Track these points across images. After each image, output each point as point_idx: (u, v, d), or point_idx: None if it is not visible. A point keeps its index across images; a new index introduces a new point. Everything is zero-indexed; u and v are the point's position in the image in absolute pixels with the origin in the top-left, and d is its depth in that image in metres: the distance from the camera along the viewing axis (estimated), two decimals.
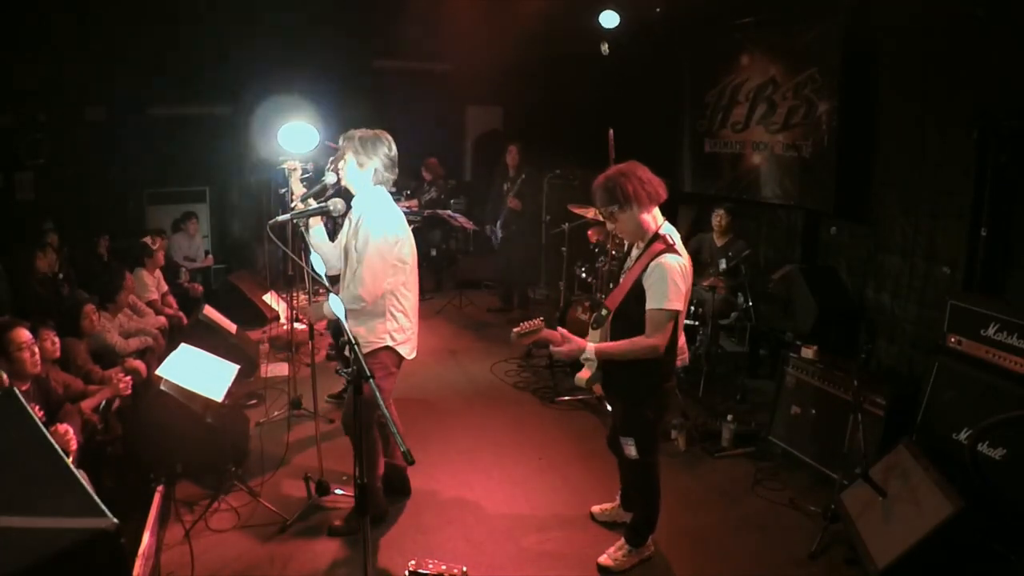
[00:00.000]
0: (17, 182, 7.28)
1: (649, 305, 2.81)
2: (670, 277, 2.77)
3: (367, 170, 3.30)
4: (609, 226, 3.05)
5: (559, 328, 2.99)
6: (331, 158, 3.55)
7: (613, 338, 2.98)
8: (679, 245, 2.92)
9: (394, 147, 3.37)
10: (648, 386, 3.00)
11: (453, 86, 9.10)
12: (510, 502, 3.87)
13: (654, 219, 2.93)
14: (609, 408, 3.69)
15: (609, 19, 6.65)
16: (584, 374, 3.07)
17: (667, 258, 2.81)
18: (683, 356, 3.11)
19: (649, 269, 2.82)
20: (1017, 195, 4.18)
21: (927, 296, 4.87)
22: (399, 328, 3.36)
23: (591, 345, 2.90)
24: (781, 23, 5.89)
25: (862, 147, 5.35)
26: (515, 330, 2.88)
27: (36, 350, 3.38)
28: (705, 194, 6.80)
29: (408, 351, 3.45)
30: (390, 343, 3.34)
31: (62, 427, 3.11)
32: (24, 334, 3.32)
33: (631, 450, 3.09)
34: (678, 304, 2.80)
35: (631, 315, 2.89)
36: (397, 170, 3.41)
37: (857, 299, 5.47)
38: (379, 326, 3.32)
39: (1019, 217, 4.19)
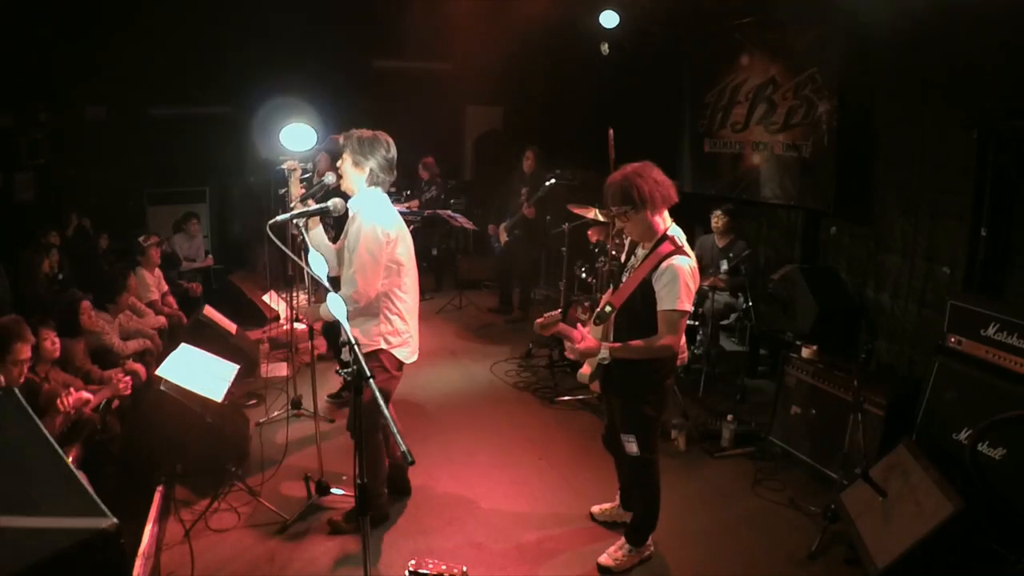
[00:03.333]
0: (17, 182, 7.28)
1: (662, 307, 2.85)
2: (681, 279, 2.81)
3: (363, 171, 3.27)
4: (619, 225, 3.06)
5: (579, 326, 3.05)
6: (315, 159, 3.53)
7: (617, 335, 3.03)
8: (686, 246, 2.95)
9: (393, 149, 3.33)
10: (648, 383, 3.03)
11: (453, 86, 9.10)
12: (510, 502, 3.87)
13: (663, 220, 2.96)
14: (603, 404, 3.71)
15: (609, 19, 6.64)
16: (586, 370, 3.16)
17: (678, 260, 2.84)
18: (683, 356, 3.14)
19: (660, 270, 2.85)
20: (1017, 195, 4.18)
21: (927, 296, 4.87)
22: (393, 331, 3.32)
23: (606, 345, 2.93)
24: (781, 23, 5.89)
25: (862, 147, 5.35)
26: (538, 320, 3.04)
27: (26, 369, 3.41)
28: (705, 194, 6.80)
29: (406, 354, 3.41)
30: (383, 346, 3.30)
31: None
32: (26, 351, 3.35)
33: (632, 447, 3.10)
34: (689, 305, 2.85)
35: (637, 313, 2.93)
36: (395, 173, 3.37)
37: (857, 299, 5.47)
38: (372, 328, 3.28)
39: (1019, 217, 4.19)
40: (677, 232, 2.97)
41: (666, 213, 2.97)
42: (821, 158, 5.57)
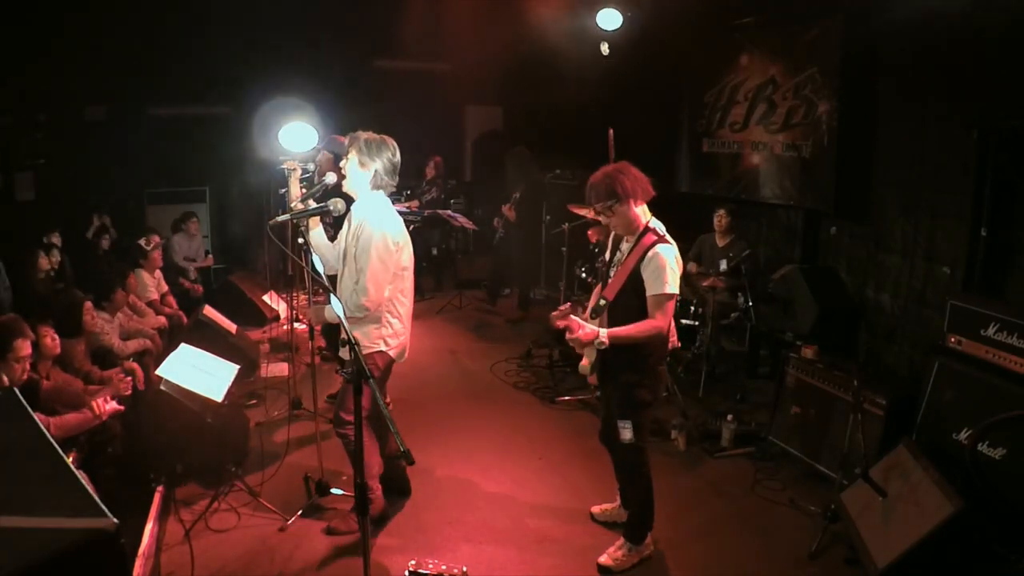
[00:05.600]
0: (17, 182, 7.28)
1: (651, 292, 3.00)
2: (666, 264, 2.97)
3: (368, 172, 3.29)
4: (604, 220, 3.19)
5: (573, 316, 3.13)
6: (315, 159, 3.54)
7: (612, 326, 3.10)
8: (667, 236, 3.09)
9: (398, 153, 3.36)
10: (643, 368, 3.12)
11: (453, 86, 9.10)
12: (510, 502, 3.87)
13: (644, 213, 3.12)
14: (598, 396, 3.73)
15: (609, 19, 6.64)
16: (585, 362, 3.24)
17: (661, 248, 3.00)
18: (673, 339, 3.27)
19: (646, 259, 3.00)
20: (1017, 195, 4.18)
21: (927, 296, 4.87)
22: (392, 334, 3.39)
23: (604, 331, 3.00)
24: (781, 23, 5.89)
25: (862, 147, 5.36)
26: (553, 313, 3.21)
27: (28, 366, 3.41)
28: (703, 194, 6.80)
29: (398, 354, 3.48)
30: (383, 348, 3.37)
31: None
32: (27, 347, 3.35)
33: (627, 433, 3.16)
34: (675, 288, 3.01)
35: (629, 303, 3.06)
36: (398, 177, 3.41)
37: (857, 299, 5.47)
38: (374, 331, 3.34)
39: (1019, 217, 4.20)
40: (657, 224, 3.12)
41: (645, 207, 3.13)
42: (821, 158, 5.57)
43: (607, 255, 3.31)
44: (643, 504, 3.31)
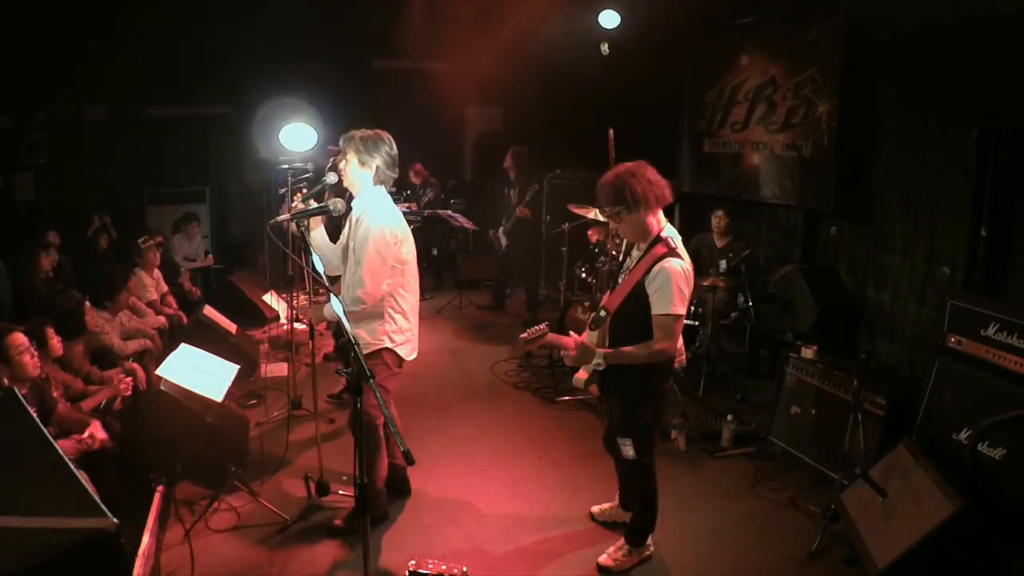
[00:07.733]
0: (17, 182, 7.28)
1: (655, 311, 2.81)
2: (675, 282, 2.76)
3: (369, 170, 3.30)
4: (612, 226, 3.02)
5: (571, 334, 3.01)
6: (332, 159, 3.55)
7: (612, 339, 3.00)
8: (680, 248, 2.90)
9: (394, 146, 3.37)
10: (647, 387, 3.01)
11: (453, 86, 9.09)
12: (510, 502, 3.87)
13: (657, 221, 2.91)
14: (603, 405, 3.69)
15: (609, 19, 6.65)
16: (582, 375, 3.10)
17: (671, 262, 2.79)
18: (680, 358, 3.10)
19: (653, 273, 2.81)
20: (1017, 195, 4.18)
21: (927, 296, 4.87)
22: (397, 329, 3.37)
23: (601, 351, 2.90)
24: (781, 23, 5.89)
25: (862, 147, 5.35)
26: (522, 336, 2.95)
27: (35, 352, 3.39)
28: (704, 194, 6.80)
29: (407, 352, 3.45)
30: (389, 344, 3.35)
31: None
32: (20, 337, 3.33)
33: (628, 451, 3.09)
34: (683, 308, 2.81)
35: (631, 317, 2.89)
36: (398, 169, 3.41)
37: (857, 299, 5.47)
38: (378, 328, 3.32)
39: (1019, 217, 4.20)
40: (672, 233, 2.92)
41: (660, 214, 2.92)
42: (821, 158, 5.57)
43: (620, 258, 3.14)
44: (646, 511, 3.28)
